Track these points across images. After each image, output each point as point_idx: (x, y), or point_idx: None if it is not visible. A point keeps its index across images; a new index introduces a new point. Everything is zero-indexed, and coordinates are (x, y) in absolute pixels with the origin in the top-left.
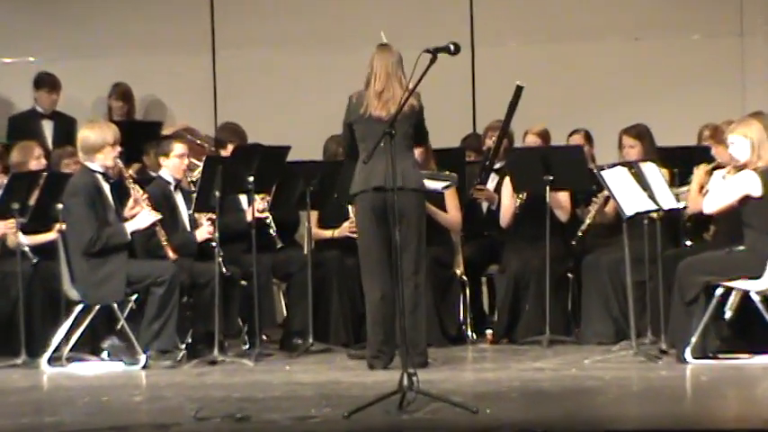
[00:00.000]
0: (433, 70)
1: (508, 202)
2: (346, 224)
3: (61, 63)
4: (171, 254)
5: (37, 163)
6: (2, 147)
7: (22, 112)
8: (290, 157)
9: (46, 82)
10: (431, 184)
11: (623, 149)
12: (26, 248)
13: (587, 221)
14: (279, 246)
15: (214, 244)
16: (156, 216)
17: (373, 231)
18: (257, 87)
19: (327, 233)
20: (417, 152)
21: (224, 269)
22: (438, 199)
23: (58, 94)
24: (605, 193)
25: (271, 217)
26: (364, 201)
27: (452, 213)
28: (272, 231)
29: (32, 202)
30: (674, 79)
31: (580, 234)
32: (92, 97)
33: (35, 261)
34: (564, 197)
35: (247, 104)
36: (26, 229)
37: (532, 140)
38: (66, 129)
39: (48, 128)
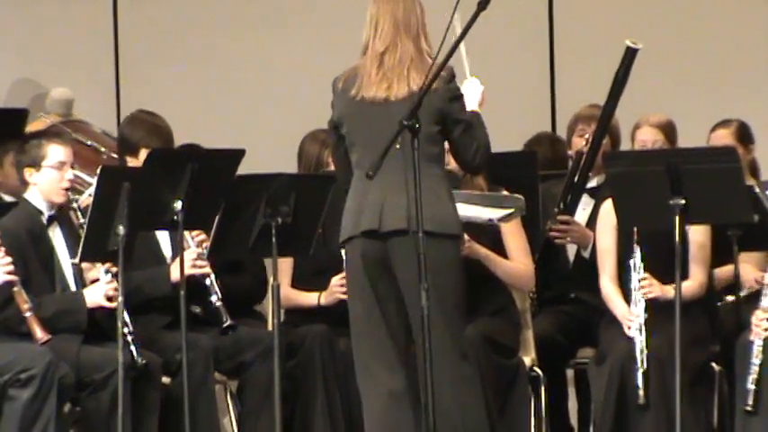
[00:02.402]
0: (481, 27)
1: (609, 244)
2: (336, 280)
3: None
4: (39, 332)
5: None
6: None
7: None
8: (244, 168)
9: None
10: (479, 212)
11: None
12: None
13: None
14: (226, 323)
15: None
16: (11, 268)
17: (374, 306)
18: (187, 52)
19: (308, 297)
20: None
21: (135, 357)
22: (491, 237)
23: None
24: None
25: (213, 276)
26: (354, 254)
27: (518, 261)
28: (214, 299)
29: None
30: None
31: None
32: None
33: None
34: (702, 237)
35: (171, 81)
36: None
37: (650, 137)
38: None
39: None
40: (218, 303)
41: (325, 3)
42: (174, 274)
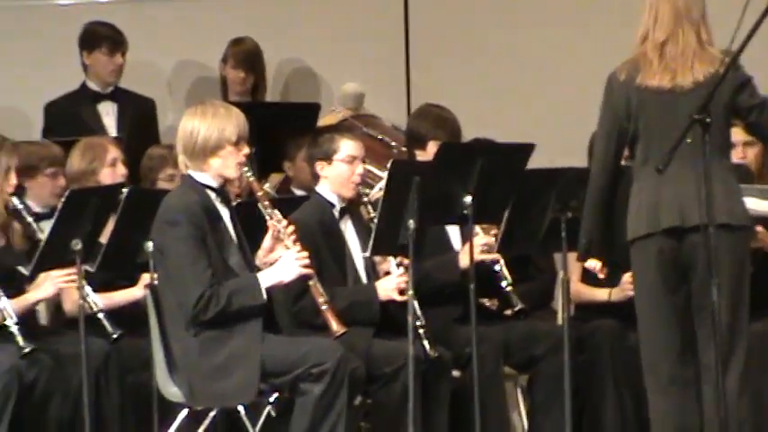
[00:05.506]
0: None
1: None
2: (627, 277)
3: (125, 3)
4: (335, 325)
5: (111, 173)
6: (59, 149)
7: (64, 96)
8: (534, 162)
9: (102, 37)
10: (763, 206)
11: None
12: (100, 314)
13: None
14: (517, 307)
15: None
16: (307, 262)
17: (664, 303)
18: (478, 46)
19: (599, 293)
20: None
21: (428, 350)
22: None
23: (124, 55)
24: None
25: (502, 262)
26: (648, 251)
27: None
28: (504, 284)
29: (105, 237)
30: None
31: None
32: (185, 62)
33: (115, 336)
34: None
35: (461, 75)
36: (96, 283)
37: None
38: (140, 116)
39: (108, 114)
40: (509, 289)
41: (620, 3)
42: (464, 261)
